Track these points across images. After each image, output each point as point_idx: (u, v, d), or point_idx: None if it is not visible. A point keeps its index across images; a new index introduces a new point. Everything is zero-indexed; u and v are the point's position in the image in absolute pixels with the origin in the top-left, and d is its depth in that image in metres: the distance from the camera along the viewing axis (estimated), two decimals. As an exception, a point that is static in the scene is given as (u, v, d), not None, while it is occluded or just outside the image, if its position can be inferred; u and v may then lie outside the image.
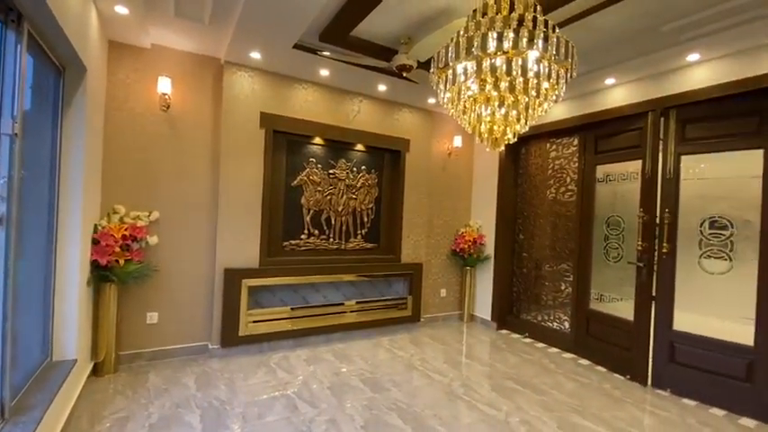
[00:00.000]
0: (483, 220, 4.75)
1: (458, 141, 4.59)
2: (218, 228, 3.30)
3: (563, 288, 4.01)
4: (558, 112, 3.94)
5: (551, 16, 2.23)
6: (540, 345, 4.04)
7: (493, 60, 1.63)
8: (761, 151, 2.63)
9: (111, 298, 2.82)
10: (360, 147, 4.11)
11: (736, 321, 2.71)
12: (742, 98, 2.69)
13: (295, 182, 3.77)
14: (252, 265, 3.44)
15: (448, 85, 1.82)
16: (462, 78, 1.71)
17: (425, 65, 2.81)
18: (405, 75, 2.92)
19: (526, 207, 4.46)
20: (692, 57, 2.81)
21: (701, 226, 2.92)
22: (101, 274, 2.73)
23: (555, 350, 3.89)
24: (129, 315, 3.05)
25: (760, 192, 2.62)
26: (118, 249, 2.74)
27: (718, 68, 2.79)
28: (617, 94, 3.43)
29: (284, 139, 3.68)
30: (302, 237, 3.82)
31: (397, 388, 2.88)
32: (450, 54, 1.73)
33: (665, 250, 3.02)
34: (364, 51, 3.02)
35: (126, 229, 2.82)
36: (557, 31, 1.66)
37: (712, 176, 2.91)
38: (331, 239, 3.98)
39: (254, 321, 3.44)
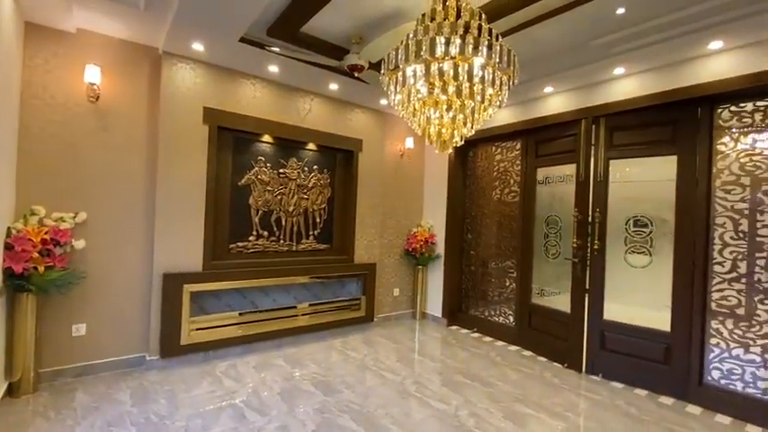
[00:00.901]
0: (434, 220, 4.88)
1: (410, 143, 4.66)
2: (156, 230, 3.07)
3: (507, 284, 4.22)
4: (502, 117, 4.14)
5: (495, 25, 2.34)
6: (488, 339, 4.22)
7: (441, 65, 1.67)
8: (675, 157, 2.96)
9: (29, 309, 2.52)
10: (312, 146, 4.03)
11: (656, 310, 3.02)
12: (660, 109, 3.01)
13: (242, 181, 3.61)
14: (194, 269, 3.24)
15: (398, 87, 1.84)
16: (412, 81, 1.74)
17: (377, 66, 2.82)
18: (356, 75, 2.91)
19: (474, 207, 4.65)
20: (619, 70, 3.09)
21: (626, 224, 3.22)
22: (15, 284, 2.43)
23: (501, 343, 4.08)
24: (52, 328, 2.75)
25: (674, 194, 2.95)
26: (36, 255, 2.46)
27: (640, 82, 3.09)
28: (555, 102, 3.68)
29: (230, 137, 3.52)
30: (250, 238, 3.67)
31: (349, 389, 2.86)
32: (399, 56, 1.75)
33: (596, 247, 3.29)
34: (315, 49, 2.97)
35: (46, 233, 2.53)
36: (500, 39, 1.74)
37: (636, 180, 3.21)
38: (281, 241, 3.86)
39: (198, 329, 3.24)
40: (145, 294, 3.09)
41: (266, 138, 3.72)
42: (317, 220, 4.12)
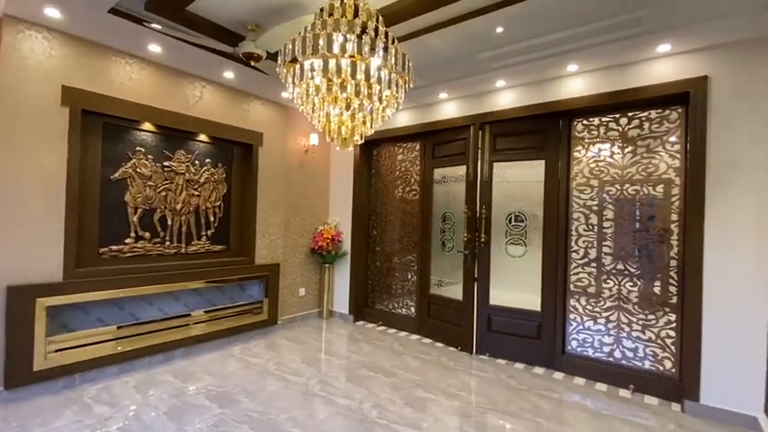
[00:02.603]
0: (340, 217, 4.88)
1: (314, 139, 4.58)
2: (-5, 233, 2.49)
3: (409, 277, 4.45)
4: (403, 119, 4.34)
5: (391, 30, 2.42)
6: (392, 330, 4.40)
7: (339, 61, 1.67)
8: (543, 162, 3.44)
9: None
10: (203, 137, 3.69)
11: (531, 293, 3.49)
12: (532, 120, 3.47)
13: (117, 175, 3.13)
14: (52, 280, 2.71)
15: (296, 80, 1.78)
16: (310, 75, 1.70)
17: (276, 56, 2.70)
18: (253, 64, 2.74)
19: (379, 205, 4.78)
20: (500, 83, 3.48)
21: (507, 219, 3.65)
22: None
23: (404, 334, 4.29)
24: None
25: (543, 193, 3.43)
26: None
27: (517, 94, 3.52)
28: (449, 107, 3.98)
29: (100, 122, 3.02)
30: (128, 241, 3.20)
31: (249, 398, 2.70)
32: (297, 48, 1.70)
33: (483, 240, 3.67)
34: (204, 31, 2.71)
35: None
36: (396, 43, 1.81)
37: (514, 180, 3.66)
38: (168, 243, 3.46)
39: (59, 350, 2.73)
40: (-23, 314, 2.48)
41: (147, 126, 3.28)
42: (211, 218, 3.79)
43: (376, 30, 1.74)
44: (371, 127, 1.94)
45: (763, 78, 2.47)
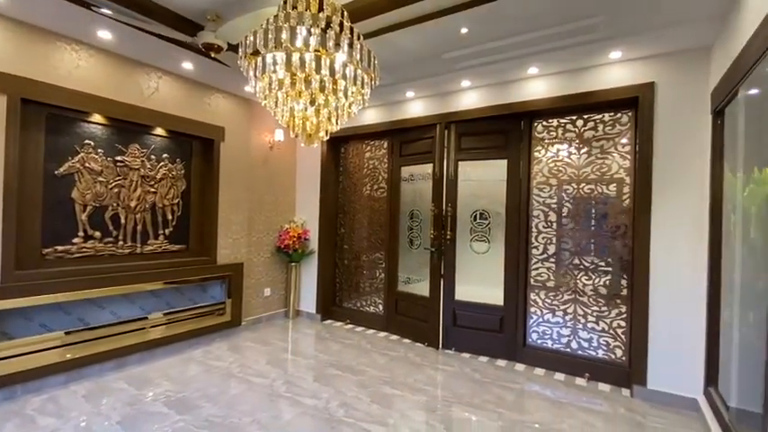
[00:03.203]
0: (307, 215, 4.80)
1: (279, 135, 4.47)
2: None
3: (378, 275, 4.45)
4: (371, 117, 4.33)
5: (357, 26, 2.40)
6: (360, 328, 4.39)
7: (303, 55, 1.64)
8: (505, 161, 3.55)
9: None
10: (160, 131, 3.50)
11: (494, 288, 3.59)
12: (496, 120, 3.56)
13: (62, 170, 2.91)
14: (-13, 284, 2.49)
15: (258, 73, 1.73)
16: (272, 68, 1.66)
17: (237, 48, 2.61)
18: (213, 55, 2.63)
19: (347, 202, 4.75)
20: (465, 83, 3.55)
21: (471, 217, 3.74)
22: None
23: (372, 331, 4.29)
24: None
25: (505, 191, 3.54)
26: None
27: (481, 95, 3.60)
28: (416, 106, 4.01)
29: (43, 113, 2.79)
30: (76, 240, 2.99)
31: (211, 403, 2.61)
32: (258, 41, 1.65)
33: (449, 237, 3.74)
34: (160, 19, 2.57)
35: None
36: (361, 39, 1.80)
37: (479, 179, 3.75)
38: (121, 242, 3.26)
39: (-5, 360, 2.51)
40: None
41: (96, 118, 3.07)
42: (169, 217, 3.61)
43: (341, 25, 1.72)
44: (337, 123, 1.92)
45: (702, 84, 2.67)
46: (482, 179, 3.73)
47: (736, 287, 2.21)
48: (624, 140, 3.07)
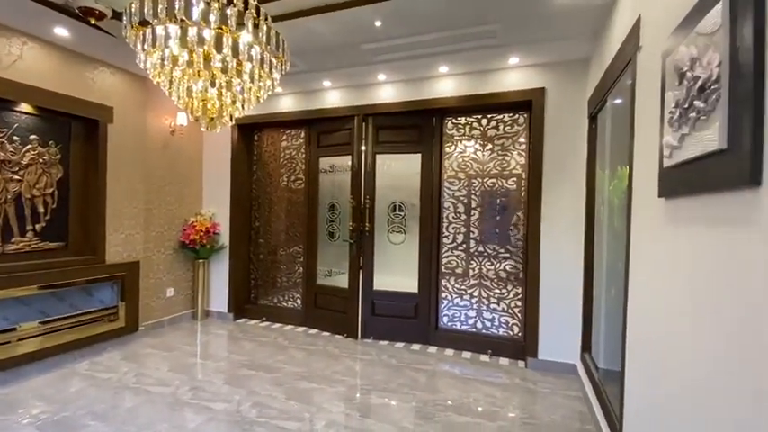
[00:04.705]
0: (217, 207, 4.46)
1: (182, 119, 4.05)
2: None
3: (296, 269, 4.34)
4: (287, 104, 4.16)
5: (265, 7, 2.28)
6: (277, 325, 4.24)
7: (201, 31, 1.50)
8: (420, 155, 3.70)
9: None
10: (26, 108, 2.94)
11: (409, 276, 3.74)
12: (410, 115, 3.68)
13: None
14: None
15: (147, 47, 1.53)
16: (164, 43, 1.48)
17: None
18: (93, 22, 2.28)
19: (262, 194, 4.52)
20: (382, 76, 3.60)
21: (389, 209, 3.84)
22: None
23: (290, 327, 4.18)
24: None
25: (419, 184, 3.70)
26: None
27: (397, 89, 3.69)
28: (333, 96, 3.96)
29: None
30: None
31: (98, 420, 2.30)
32: (146, 9, 1.46)
33: (367, 229, 3.79)
34: (21, -28, 2.14)
35: None
36: (269, 20, 1.70)
37: (396, 172, 3.85)
38: (-28, 241, 2.68)
39: None
40: None
41: (-70, 87, 2.46)
42: (41, 209, 3.07)
43: (246, 2, 1.61)
44: (243, 108, 1.80)
45: (582, 92, 3.08)
46: (399, 172, 3.84)
47: (603, 267, 2.62)
48: (522, 139, 3.41)
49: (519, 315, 3.42)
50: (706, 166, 1.03)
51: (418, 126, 3.69)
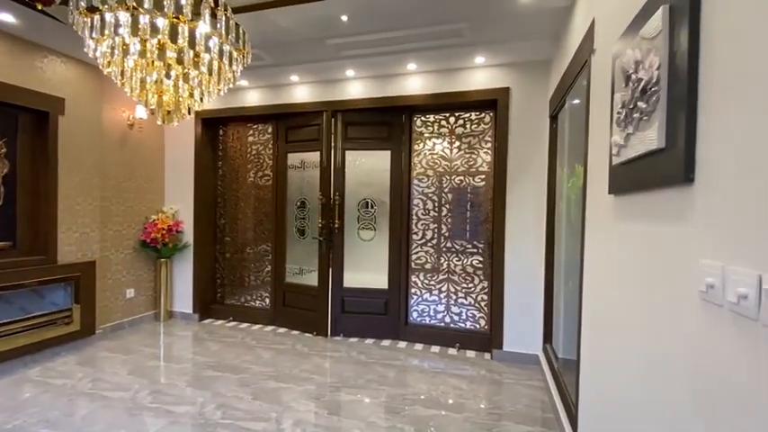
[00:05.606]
0: (180, 204, 4.29)
1: (141, 112, 3.86)
2: None
3: (264, 268, 4.25)
4: (253, 98, 4.05)
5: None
6: (244, 325, 4.15)
7: (154, 19, 1.43)
8: (389, 152, 3.71)
9: None
10: (-37, 97, 2.72)
11: (379, 273, 3.76)
12: (380, 112, 3.68)
13: None
14: None
15: (95, 34, 1.45)
16: (114, 30, 1.41)
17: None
18: (40, 8, 2.13)
19: (228, 191, 4.40)
20: (350, 72, 3.57)
21: (358, 205, 3.83)
22: None
23: (257, 327, 4.10)
24: None
25: (389, 181, 3.71)
26: None
27: (366, 86, 3.67)
28: (301, 91, 3.89)
29: None
30: None
31: (51, 428, 2.17)
32: (94, -6, 1.38)
33: (337, 226, 3.76)
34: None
35: None
36: (228, 11, 1.65)
37: (366, 169, 3.84)
38: None
39: None
40: None
41: None
42: (-17, 207, 2.85)
43: (203, -9, 1.55)
44: (202, 101, 1.74)
45: (543, 92, 3.18)
46: (369, 169, 3.83)
47: (562, 261, 2.73)
48: (488, 138, 3.49)
49: (485, 308, 3.51)
50: (648, 164, 1.09)
51: (388, 123, 3.70)
